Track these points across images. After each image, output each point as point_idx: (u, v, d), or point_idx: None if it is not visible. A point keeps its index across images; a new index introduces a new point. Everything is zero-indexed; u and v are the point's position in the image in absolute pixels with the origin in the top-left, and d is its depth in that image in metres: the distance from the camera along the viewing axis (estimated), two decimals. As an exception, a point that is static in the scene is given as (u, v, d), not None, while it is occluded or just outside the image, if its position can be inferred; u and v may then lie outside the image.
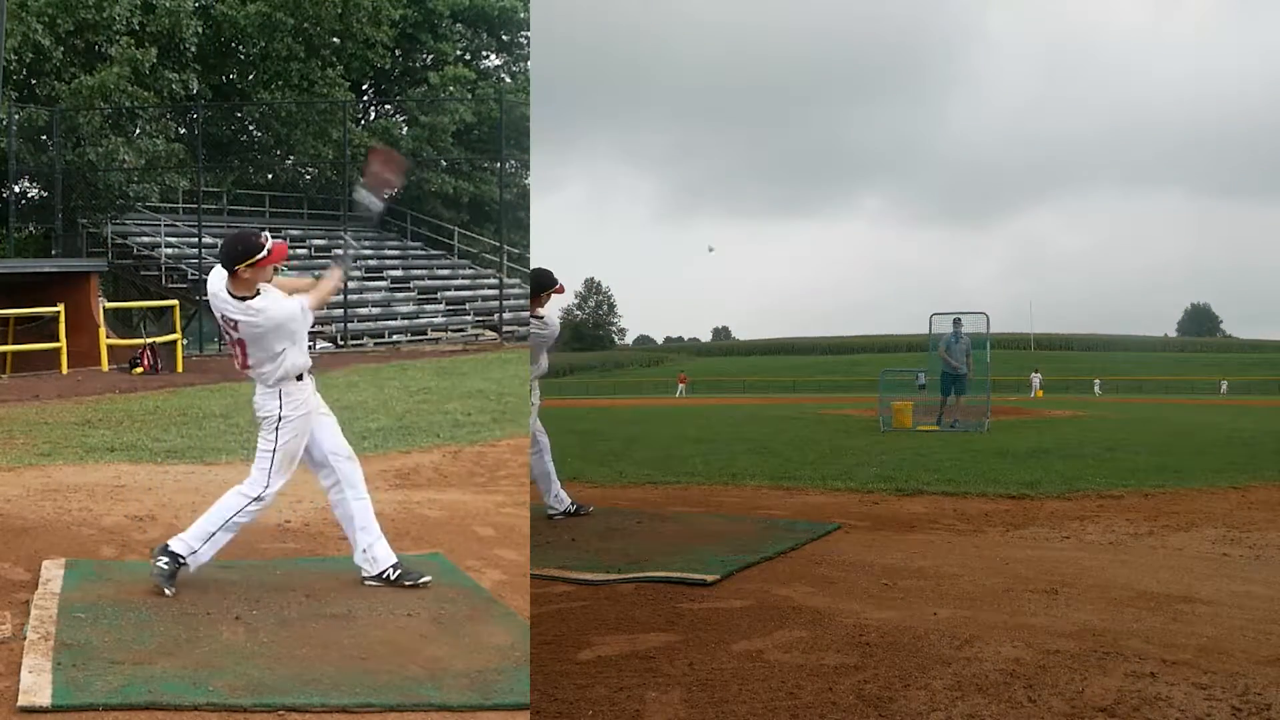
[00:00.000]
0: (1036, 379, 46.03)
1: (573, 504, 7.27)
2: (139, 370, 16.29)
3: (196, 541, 4.65)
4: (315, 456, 4.92)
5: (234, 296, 4.64)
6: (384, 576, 4.83)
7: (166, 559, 4.60)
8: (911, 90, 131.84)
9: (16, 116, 21.91)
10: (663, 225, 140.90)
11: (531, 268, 7.86)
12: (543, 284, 7.12)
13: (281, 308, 4.69)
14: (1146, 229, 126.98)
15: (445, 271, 26.81)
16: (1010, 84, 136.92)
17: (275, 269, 4.78)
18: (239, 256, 4.59)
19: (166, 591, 4.56)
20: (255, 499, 4.74)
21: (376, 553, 4.86)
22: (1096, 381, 49.86)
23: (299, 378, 4.78)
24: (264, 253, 4.59)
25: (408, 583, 4.80)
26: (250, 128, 27.90)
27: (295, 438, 4.79)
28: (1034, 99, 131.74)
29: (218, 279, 4.68)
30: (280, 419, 4.75)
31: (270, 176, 27.78)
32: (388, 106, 30.63)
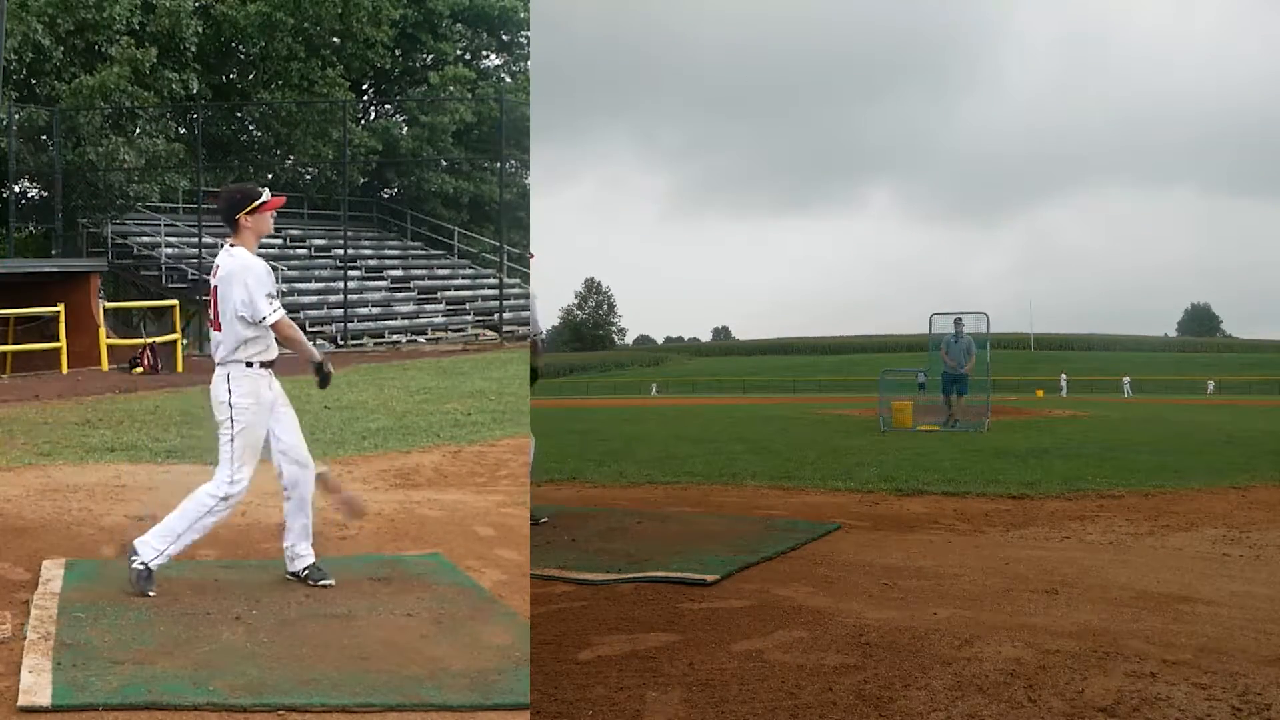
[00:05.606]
0: (1065, 380, 46.50)
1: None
2: (139, 370, 16.30)
3: (162, 542, 4.57)
4: (270, 452, 4.84)
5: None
6: (297, 574, 4.84)
7: (141, 564, 4.55)
8: (926, 85, 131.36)
9: (16, 116, 21.92)
10: (665, 224, 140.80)
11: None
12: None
13: (256, 260, 4.73)
14: (1153, 227, 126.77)
15: (445, 271, 26.82)
16: (1026, 80, 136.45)
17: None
18: (239, 204, 4.74)
19: (149, 593, 4.50)
20: (222, 499, 4.63)
21: (297, 551, 4.87)
22: (1126, 380, 49.55)
23: (249, 364, 4.70)
24: (263, 199, 4.76)
25: (312, 582, 4.76)
26: (250, 128, 27.90)
27: (248, 428, 4.68)
28: (1049, 95, 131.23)
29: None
30: (231, 406, 4.67)
31: (270, 176, 27.77)
32: (388, 106, 30.65)
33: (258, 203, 4.75)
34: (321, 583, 4.78)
